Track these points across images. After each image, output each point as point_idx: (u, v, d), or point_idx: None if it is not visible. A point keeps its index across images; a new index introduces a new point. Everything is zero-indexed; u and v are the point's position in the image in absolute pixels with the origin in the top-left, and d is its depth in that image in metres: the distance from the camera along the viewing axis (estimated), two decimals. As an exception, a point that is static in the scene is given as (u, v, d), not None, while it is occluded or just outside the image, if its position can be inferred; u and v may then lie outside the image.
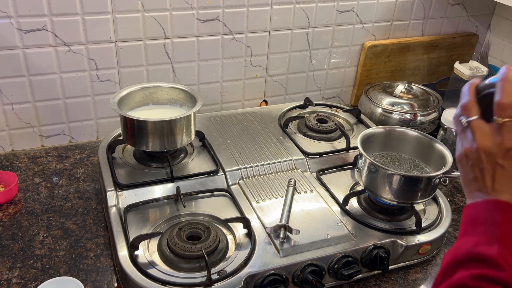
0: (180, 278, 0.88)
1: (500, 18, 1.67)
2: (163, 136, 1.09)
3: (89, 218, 1.09)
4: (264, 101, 1.53)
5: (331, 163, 1.23)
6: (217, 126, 1.33)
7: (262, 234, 0.98)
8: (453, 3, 1.61)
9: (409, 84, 1.49)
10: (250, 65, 1.44)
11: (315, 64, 1.53)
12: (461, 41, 1.67)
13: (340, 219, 1.04)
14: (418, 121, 1.41)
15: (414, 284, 0.99)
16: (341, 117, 1.44)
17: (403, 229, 1.03)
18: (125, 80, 1.32)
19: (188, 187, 1.09)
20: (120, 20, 1.23)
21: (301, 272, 0.91)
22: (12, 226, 1.05)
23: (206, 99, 1.44)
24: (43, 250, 1.00)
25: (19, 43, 1.17)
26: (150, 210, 1.04)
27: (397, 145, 1.13)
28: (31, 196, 1.14)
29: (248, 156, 1.20)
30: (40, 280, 0.92)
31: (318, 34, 1.47)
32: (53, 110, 1.29)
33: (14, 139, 1.29)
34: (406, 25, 1.58)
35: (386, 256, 0.97)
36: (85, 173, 1.23)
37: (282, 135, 1.31)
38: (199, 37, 1.33)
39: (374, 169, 1.02)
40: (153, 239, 0.96)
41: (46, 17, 1.16)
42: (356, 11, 1.48)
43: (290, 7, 1.39)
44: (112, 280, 0.94)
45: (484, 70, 1.50)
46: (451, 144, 1.33)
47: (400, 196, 1.01)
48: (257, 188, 1.12)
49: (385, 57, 1.58)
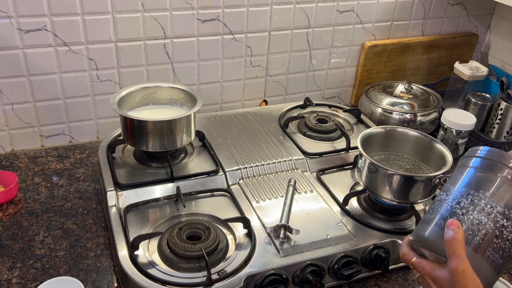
0: (180, 278, 0.88)
1: (500, 18, 1.67)
2: (163, 136, 1.09)
3: (89, 218, 1.09)
4: (264, 101, 1.53)
5: (331, 163, 1.23)
6: (217, 126, 1.33)
7: (262, 234, 0.98)
8: (453, 3, 1.61)
9: (409, 84, 1.49)
10: (250, 65, 1.44)
11: (315, 64, 1.53)
12: (461, 41, 1.67)
13: (340, 219, 1.04)
14: (418, 121, 1.41)
15: (414, 284, 0.99)
16: (341, 117, 1.44)
17: (403, 229, 1.03)
18: (125, 80, 1.32)
19: (188, 187, 1.09)
20: (120, 20, 1.23)
21: (301, 272, 0.91)
22: (12, 226, 1.05)
23: (206, 99, 1.44)
24: (43, 250, 1.00)
25: (19, 43, 1.17)
26: (150, 210, 1.04)
27: (397, 145, 1.13)
28: (31, 196, 1.14)
29: (248, 156, 1.20)
30: (40, 280, 0.92)
31: (318, 34, 1.47)
32: (53, 110, 1.29)
33: (14, 139, 1.29)
34: (406, 25, 1.58)
35: (386, 256, 0.97)
36: (85, 173, 1.23)
37: (282, 135, 1.31)
38: (199, 37, 1.33)
39: (374, 169, 1.02)
40: (153, 239, 0.96)
41: (46, 17, 1.16)
42: (356, 11, 1.48)
43: (290, 7, 1.39)
44: (112, 280, 0.94)
45: (484, 70, 1.50)
46: (451, 144, 1.33)
47: (400, 196, 1.01)
48: (257, 188, 1.12)
49: (385, 57, 1.58)
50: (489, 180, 0.72)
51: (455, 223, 0.69)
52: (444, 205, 0.73)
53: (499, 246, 0.69)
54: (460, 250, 0.67)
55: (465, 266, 0.66)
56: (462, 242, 0.67)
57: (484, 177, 0.73)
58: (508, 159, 0.72)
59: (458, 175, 0.76)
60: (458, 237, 0.67)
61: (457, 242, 0.67)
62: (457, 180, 0.75)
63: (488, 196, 0.70)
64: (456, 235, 0.67)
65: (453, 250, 0.67)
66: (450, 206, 0.73)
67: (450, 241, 0.68)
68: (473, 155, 0.76)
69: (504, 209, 0.69)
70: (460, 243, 0.67)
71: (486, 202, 0.70)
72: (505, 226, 0.69)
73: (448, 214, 0.72)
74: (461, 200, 0.72)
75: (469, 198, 0.71)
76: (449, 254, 0.68)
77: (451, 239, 0.68)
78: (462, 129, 1.31)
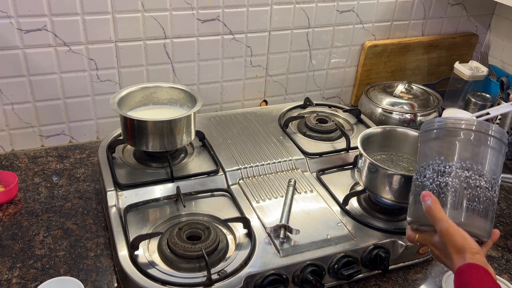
0: (180, 278, 0.88)
1: (500, 18, 1.67)
2: (163, 136, 1.09)
3: (89, 218, 1.09)
4: (264, 101, 1.53)
5: (331, 163, 1.23)
6: (217, 126, 1.33)
7: (262, 234, 0.98)
8: (453, 3, 1.61)
9: (409, 84, 1.49)
10: (250, 65, 1.44)
11: (315, 64, 1.53)
12: (461, 41, 1.67)
13: (340, 219, 1.04)
14: (418, 121, 1.41)
15: (414, 284, 0.99)
16: (341, 117, 1.44)
17: (403, 229, 1.03)
18: (125, 80, 1.32)
19: (188, 187, 1.09)
20: (120, 20, 1.23)
21: (301, 272, 0.91)
22: (12, 226, 1.05)
23: (206, 99, 1.44)
24: (43, 250, 1.00)
25: (19, 43, 1.17)
26: (150, 210, 1.04)
27: (397, 145, 1.13)
28: (31, 196, 1.14)
29: (248, 156, 1.20)
30: (40, 280, 0.92)
31: (318, 34, 1.47)
32: (53, 110, 1.29)
33: (14, 139, 1.29)
34: (406, 25, 1.58)
35: (386, 256, 0.97)
36: (85, 173, 1.23)
37: (282, 135, 1.31)
38: (199, 37, 1.33)
39: (374, 169, 1.02)
40: (153, 239, 0.96)
41: (46, 17, 1.16)
42: (356, 11, 1.48)
43: (290, 7, 1.39)
44: (112, 280, 0.94)
45: (484, 70, 1.50)
46: (451, 144, 1.33)
47: (400, 196, 1.01)
48: (257, 188, 1.12)
49: (385, 57, 1.58)
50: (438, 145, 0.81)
51: (426, 194, 0.77)
52: (416, 183, 0.83)
53: (472, 195, 0.76)
54: (438, 214, 0.75)
55: (446, 225, 0.73)
56: (437, 206, 0.75)
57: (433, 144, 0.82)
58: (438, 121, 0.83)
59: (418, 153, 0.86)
60: (432, 204, 0.75)
61: (433, 208, 0.75)
62: (418, 158, 0.86)
63: (443, 159, 0.79)
64: (430, 203, 0.75)
65: (433, 216, 0.75)
66: (420, 182, 0.82)
67: (427, 210, 0.76)
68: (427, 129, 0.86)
69: (460, 163, 0.77)
70: (436, 208, 0.75)
71: (444, 165, 0.79)
72: (468, 176, 0.76)
73: (420, 189, 0.80)
74: (425, 173, 0.81)
75: (430, 168, 0.80)
76: (432, 221, 0.76)
77: (428, 208, 0.76)
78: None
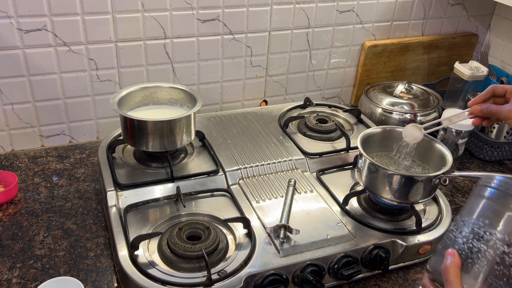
0: (180, 278, 0.88)
1: (500, 18, 1.67)
2: (163, 136, 1.09)
3: (89, 218, 1.09)
4: (264, 101, 1.53)
5: (331, 163, 1.23)
6: (217, 126, 1.33)
7: (262, 234, 0.98)
8: (453, 3, 1.61)
9: (409, 84, 1.49)
10: (250, 65, 1.44)
11: (315, 64, 1.53)
12: (461, 41, 1.67)
13: (340, 219, 1.04)
14: (418, 121, 1.41)
15: (414, 284, 0.99)
16: (341, 117, 1.44)
17: (403, 229, 1.03)
18: (125, 80, 1.32)
19: (188, 187, 1.09)
20: (120, 20, 1.23)
21: (301, 272, 0.91)
22: (12, 226, 1.05)
23: (206, 99, 1.44)
24: (43, 250, 1.00)
25: (19, 43, 1.17)
26: (150, 210, 1.04)
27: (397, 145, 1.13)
28: (31, 196, 1.14)
29: (248, 156, 1.20)
30: (40, 280, 0.92)
31: (318, 34, 1.47)
32: (53, 110, 1.29)
33: (14, 139, 1.29)
34: (406, 25, 1.58)
35: (386, 256, 0.97)
36: (85, 173, 1.23)
37: (282, 135, 1.31)
38: (199, 37, 1.33)
39: (374, 169, 1.02)
40: (153, 239, 0.96)
41: (46, 17, 1.16)
42: (356, 11, 1.48)
43: (290, 7, 1.39)
44: (112, 280, 0.94)
45: (484, 70, 1.50)
46: (451, 144, 1.33)
47: (400, 196, 1.01)
48: (257, 188, 1.12)
49: (385, 57, 1.58)
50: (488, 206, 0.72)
51: (451, 252, 0.70)
52: (449, 235, 0.75)
53: (502, 273, 0.68)
54: (453, 278, 0.68)
55: None
56: (455, 270, 0.69)
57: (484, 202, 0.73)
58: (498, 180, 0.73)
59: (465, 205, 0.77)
60: (451, 265, 0.69)
61: (450, 270, 0.68)
62: (462, 210, 0.77)
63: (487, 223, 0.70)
64: (450, 263, 0.69)
65: (446, 278, 0.69)
66: (453, 236, 0.73)
67: (444, 269, 0.69)
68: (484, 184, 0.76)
69: (504, 235, 0.69)
70: (453, 270, 0.68)
71: (485, 230, 0.70)
72: (507, 253, 0.68)
73: (450, 244, 0.73)
74: (463, 229, 0.73)
75: (469, 227, 0.72)
76: (444, 282, 0.69)
77: (444, 267, 0.69)
78: (462, 129, 1.31)
